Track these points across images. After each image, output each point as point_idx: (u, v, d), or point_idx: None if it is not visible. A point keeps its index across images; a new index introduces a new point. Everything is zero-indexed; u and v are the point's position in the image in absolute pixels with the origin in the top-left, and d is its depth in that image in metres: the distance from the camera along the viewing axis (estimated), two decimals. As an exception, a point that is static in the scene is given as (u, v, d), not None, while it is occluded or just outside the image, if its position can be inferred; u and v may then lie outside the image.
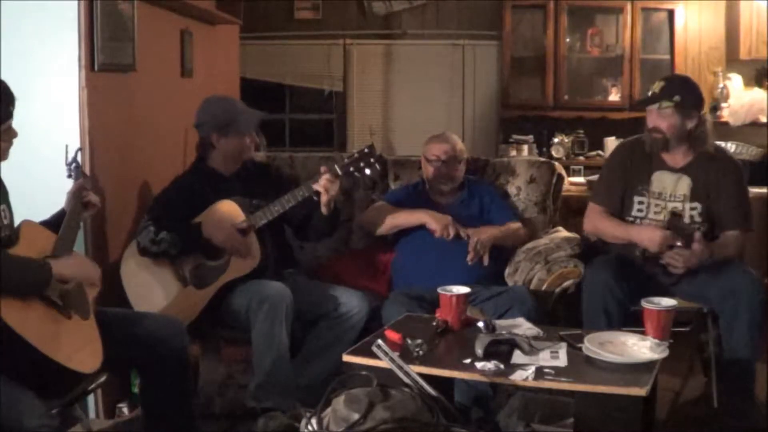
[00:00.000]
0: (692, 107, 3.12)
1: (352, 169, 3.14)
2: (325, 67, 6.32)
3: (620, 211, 3.22)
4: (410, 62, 6.27)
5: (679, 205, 3.16)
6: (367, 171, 3.17)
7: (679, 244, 3.03)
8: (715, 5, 5.72)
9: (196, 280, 3.14)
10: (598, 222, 3.24)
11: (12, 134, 2.32)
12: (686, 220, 3.15)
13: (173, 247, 3.11)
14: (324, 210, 3.16)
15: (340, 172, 3.13)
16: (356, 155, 3.16)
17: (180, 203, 3.20)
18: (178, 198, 3.24)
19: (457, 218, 3.39)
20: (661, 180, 3.19)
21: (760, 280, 3.05)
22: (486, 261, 3.33)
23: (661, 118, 3.12)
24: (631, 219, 3.20)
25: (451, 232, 3.33)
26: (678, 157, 3.18)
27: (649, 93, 3.20)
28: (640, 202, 3.20)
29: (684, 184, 3.16)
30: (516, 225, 3.53)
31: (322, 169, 3.13)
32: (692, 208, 3.15)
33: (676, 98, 3.09)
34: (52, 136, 2.93)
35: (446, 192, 3.51)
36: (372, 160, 3.15)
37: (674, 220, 3.09)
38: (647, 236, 3.08)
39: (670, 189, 3.17)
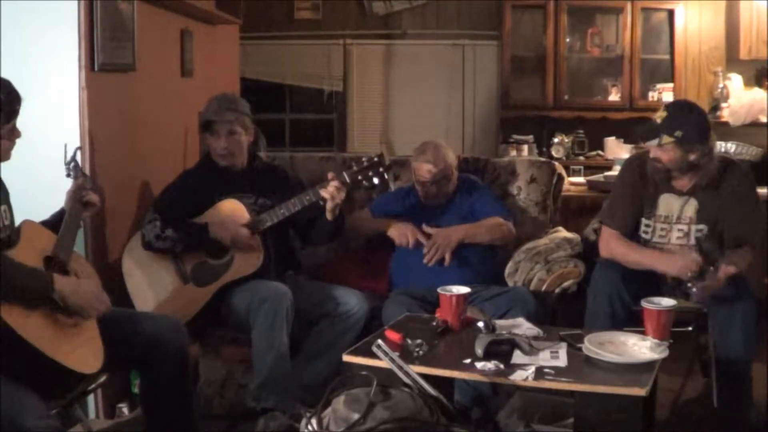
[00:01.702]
0: (695, 141, 2.98)
1: (360, 177, 3.12)
2: (325, 67, 6.32)
3: (635, 233, 3.15)
4: (410, 62, 6.26)
5: (684, 228, 3.09)
6: (375, 180, 3.13)
7: (711, 268, 2.82)
8: (715, 5, 5.71)
9: (196, 278, 3.14)
10: (613, 247, 3.11)
11: (16, 134, 2.32)
12: (691, 241, 3.06)
13: (178, 245, 3.12)
14: (329, 216, 3.15)
15: (348, 180, 3.11)
16: (365, 164, 3.12)
17: (186, 198, 3.21)
18: (184, 192, 3.25)
19: (448, 219, 3.41)
20: (668, 203, 3.11)
21: (751, 284, 3.03)
22: (447, 262, 3.30)
23: (661, 152, 3.00)
24: (635, 239, 3.16)
25: (410, 239, 3.34)
26: (684, 180, 3.09)
27: (652, 118, 3.05)
28: (647, 225, 3.14)
29: (690, 207, 3.08)
30: (496, 220, 3.43)
31: (330, 175, 3.11)
32: (698, 230, 3.08)
33: (678, 134, 2.95)
34: (52, 136, 2.93)
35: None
36: (381, 169, 3.12)
37: (706, 244, 2.90)
38: (670, 261, 2.95)
39: (677, 213, 3.10)
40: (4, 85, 2.28)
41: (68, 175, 2.66)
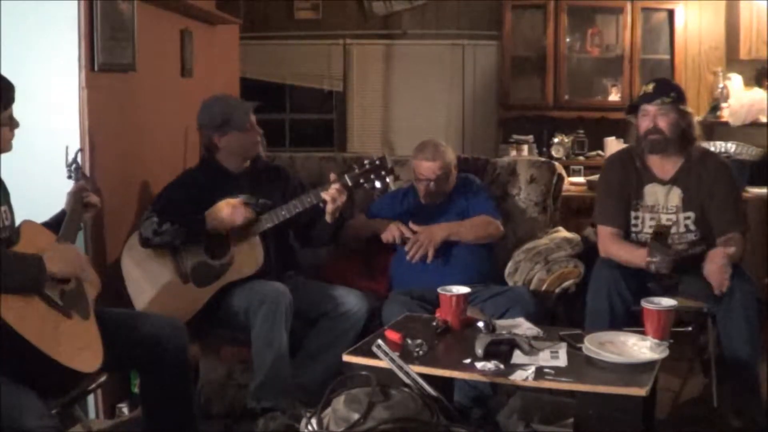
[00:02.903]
0: (683, 104, 3.15)
1: (362, 180, 3.11)
2: (325, 67, 6.32)
3: (628, 226, 3.19)
4: (410, 62, 6.26)
5: (672, 217, 3.14)
6: (377, 184, 3.13)
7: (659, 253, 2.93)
8: (715, 5, 5.71)
9: (196, 278, 3.14)
10: (609, 247, 3.15)
11: (15, 123, 2.32)
12: (681, 229, 3.14)
13: (176, 239, 3.11)
14: (329, 218, 3.15)
15: (350, 183, 3.10)
16: (367, 167, 3.11)
17: (185, 198, 3.21)
18: (183, 192, 3.25)
19: (446, 219, 3.41)
20: (653, 193, 3.18)
21: (751, 278, 3.04)
22: (429, 258, 3.31)
23: (661, 117, 3.10)
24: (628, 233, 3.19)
25: (396, 236, 3.36)
26: (668, 166, 3.17)
27: (640, 94, 3.19)
28: (635, 217, 3.19)
29: (675, 196, 3.15)
30: (483, 218, 3.43)
31: (332, 177, 3.11)
32: (686, 218, 3.14)
33: (673, 94, 3.11)
34: (52, 137, 2.93)
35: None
36: (383, 173, 3.11)
37: (657, 239, 3.00)
38: (643, 261, 2.99)
39: (662, 201, 3.16)
40: None
41: (69, 177, 2.65)
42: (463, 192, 3.52)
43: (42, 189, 2.80)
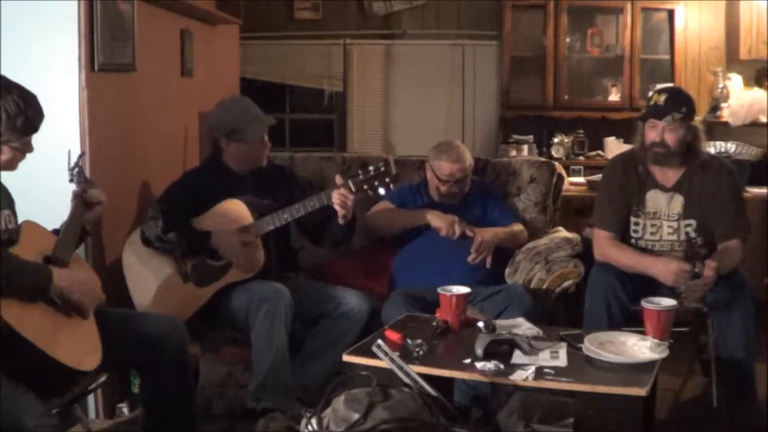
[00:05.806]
0: (692, 119, 3.10)
1: (365, 186, 3.11)
2: (325, 67, 6.32)
3: (626, 232, 3.17)
4: (410, 62, 6.26)
5: (674, 224, 3.12)
6: (381, 190, 3.13)
7: (696, 270, 2.85)
8: (715, 5, 5.71)
9: (196, 278, 3.14)
10: (607, 251, 3.13)
11: (29, 149, 2.32)
12: (681, 237, 3.11)
13: (177, 249, 3.12)
14: (341, 221, 3.15)
15: (353, 189, 3.10)
16: (371, 173, 3.10)
17: (190, 198, 3.21)
18: (189, 193, 3.25)
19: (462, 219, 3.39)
20: (655, 200, 3.15)
21: (749, 281, 3.04)
22: (489, 263, 3.32)
23: (669, 132, 3.05)
24: (627, 239, 3.18)
25: (457, 231, 3.32)
26: (670, 173, 3.14)
27: (651, 104, 3.11)
28: (636, 223, 3.16)
29: (677, 203, 3.13)
30: (519, 227, 3.52)
31: (338, 179, 3.10)
32: (687, 225, 3.12)
33: (684, 110, 3.04)
34: (52, 137, 2.91)
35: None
36: (387, 179, 3.11)
37: (692, 247, 2.95)
38: (663, 269, 2.95)
39: (665, 208, 3.13)
40: (33, 100, 2.28)
41: (71, 180, 2.65)
42: (478, 197, 3.54)
43: (42, 189, 2.80)
